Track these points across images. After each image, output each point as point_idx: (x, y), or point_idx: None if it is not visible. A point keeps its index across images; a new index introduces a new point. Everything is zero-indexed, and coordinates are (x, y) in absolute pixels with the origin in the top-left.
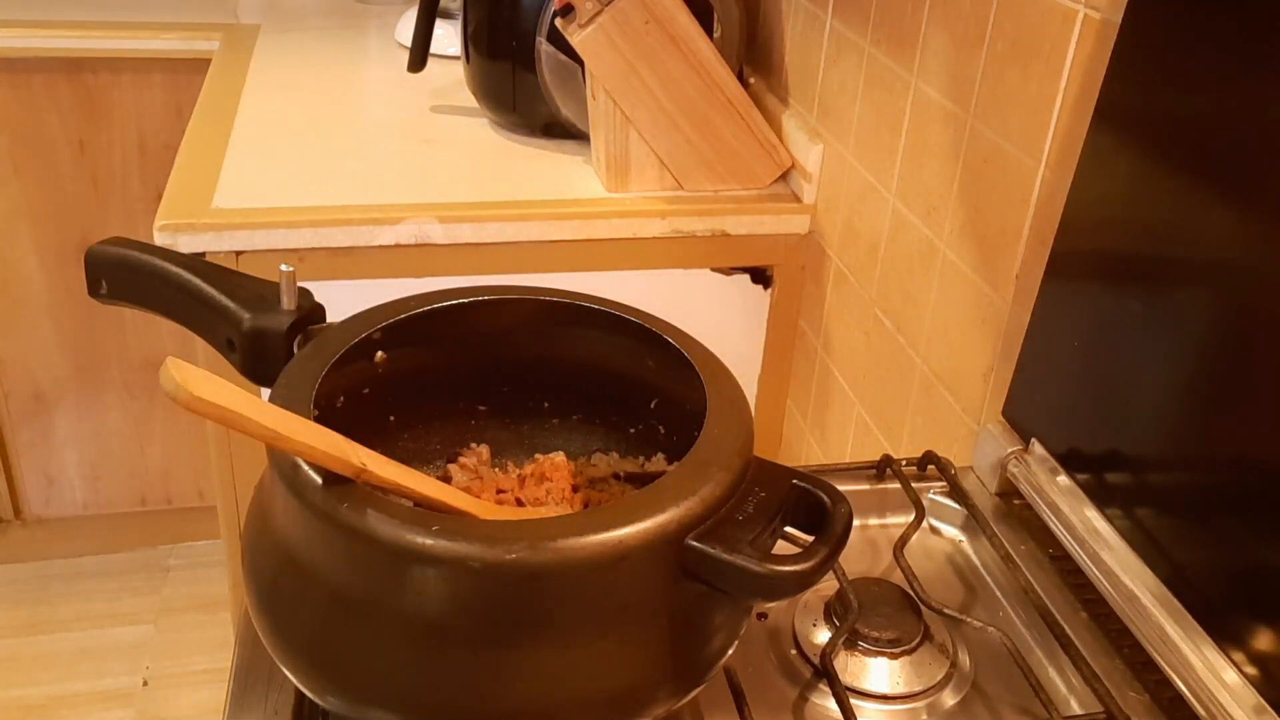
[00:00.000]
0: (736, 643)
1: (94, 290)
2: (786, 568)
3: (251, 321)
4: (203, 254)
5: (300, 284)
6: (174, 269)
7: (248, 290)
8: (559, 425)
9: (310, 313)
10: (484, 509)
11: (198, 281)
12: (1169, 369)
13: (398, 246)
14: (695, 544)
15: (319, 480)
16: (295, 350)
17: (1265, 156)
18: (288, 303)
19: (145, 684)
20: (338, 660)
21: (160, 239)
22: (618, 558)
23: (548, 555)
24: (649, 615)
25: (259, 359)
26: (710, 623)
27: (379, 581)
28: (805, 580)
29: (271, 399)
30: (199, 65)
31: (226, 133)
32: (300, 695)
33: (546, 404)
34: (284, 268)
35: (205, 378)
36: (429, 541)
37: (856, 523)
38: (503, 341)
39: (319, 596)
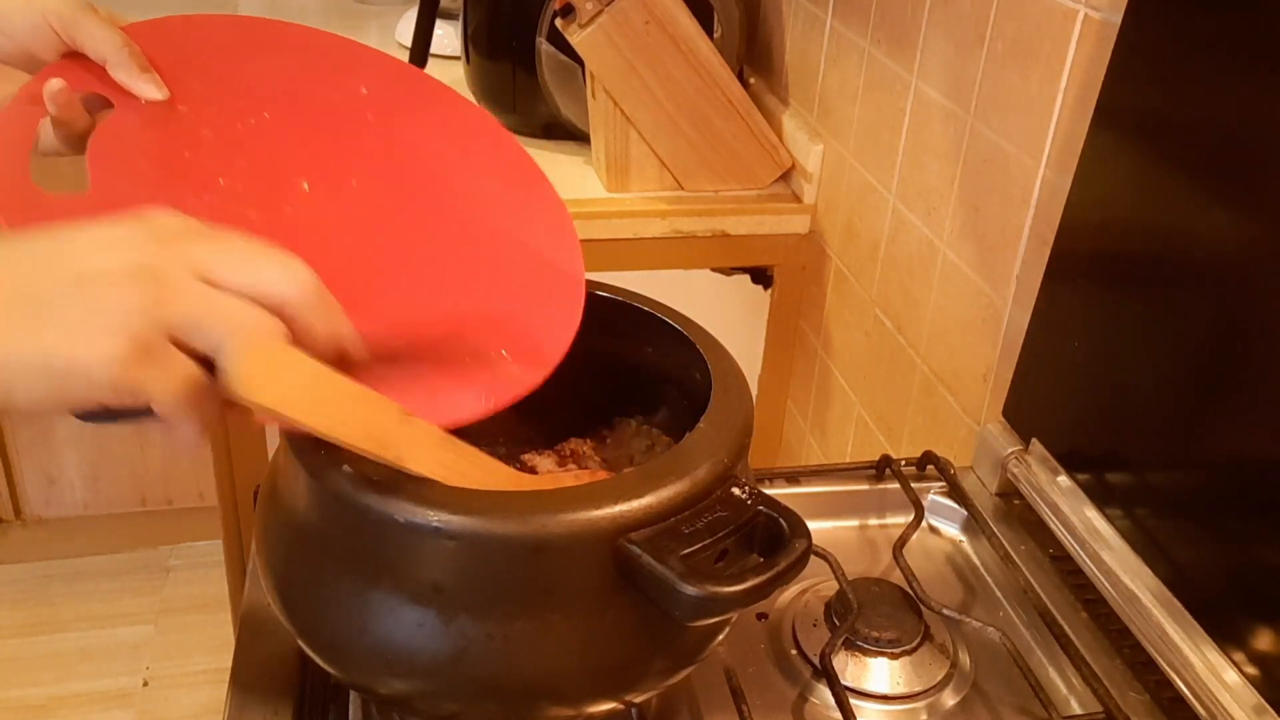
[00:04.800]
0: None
1: None
2: (694, 588)
3: None
4: None
5: None
6: None
7: None
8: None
9: None
10: (501, 479)
11: None
12: (1169, 369)
13: None
14: (625, 545)
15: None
16: None
17: (1265, 157)
18: None
19: (145, 684)
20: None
21: None
22: (536, 545)
23: (464, 527)
24: (580, 609)
25: None
26: (646, 633)
27: (346, 532)
28: (716, 604)
29: None
30: None
31: None
32: (300, 695)
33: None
34: None
35: (279, 368)
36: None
37: (856, 522)
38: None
39: (311, 553)
